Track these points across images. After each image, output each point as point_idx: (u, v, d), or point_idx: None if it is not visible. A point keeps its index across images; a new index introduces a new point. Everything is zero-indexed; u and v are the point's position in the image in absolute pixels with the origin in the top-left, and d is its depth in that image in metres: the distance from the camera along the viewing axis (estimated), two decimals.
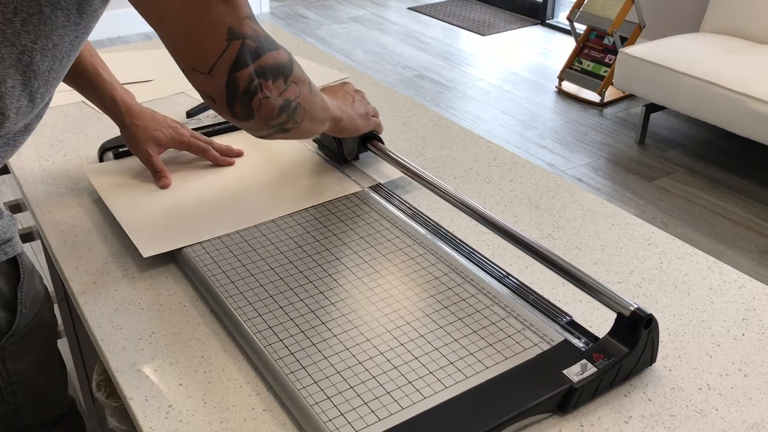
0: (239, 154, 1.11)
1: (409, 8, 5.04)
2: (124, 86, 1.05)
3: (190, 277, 0.85)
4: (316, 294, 0.80)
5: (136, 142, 1.03)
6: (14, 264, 0.81)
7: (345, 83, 1.02)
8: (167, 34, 0.68)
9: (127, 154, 1.08)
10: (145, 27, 4.42)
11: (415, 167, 0.95)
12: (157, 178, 1.03)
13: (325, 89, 0.94)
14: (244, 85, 0.69)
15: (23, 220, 1.72)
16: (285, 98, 0.74)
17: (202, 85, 0.70)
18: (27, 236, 1.38)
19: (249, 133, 0.77)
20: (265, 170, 1.07)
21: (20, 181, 1.08)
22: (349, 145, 1.07)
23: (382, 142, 1.06)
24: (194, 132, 1.09)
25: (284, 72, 0.73)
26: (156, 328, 0.78)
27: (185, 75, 0.71)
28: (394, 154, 1.01)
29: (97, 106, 1.03)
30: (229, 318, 0.77)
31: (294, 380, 0.68)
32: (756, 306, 0.81)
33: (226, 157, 1.09)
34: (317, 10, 5.02)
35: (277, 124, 0.75)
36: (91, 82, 1.00)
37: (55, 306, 1.35)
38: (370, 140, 1.06)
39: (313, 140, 1.14)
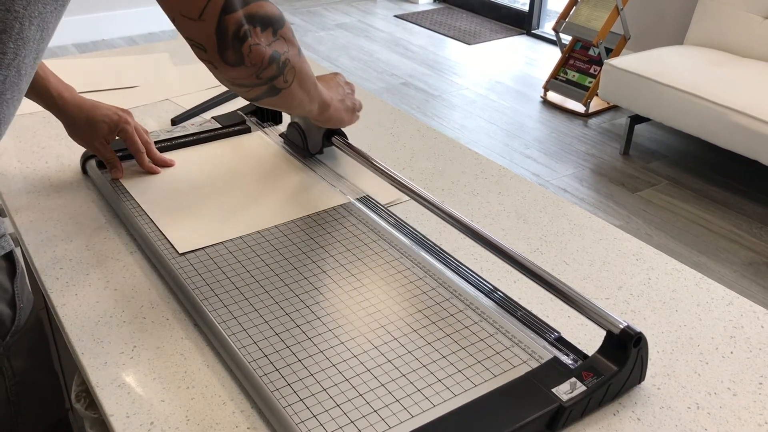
0: (170, 165, 1.08)
1: (395, 16, 5.05)
2: (70, 84, 1.03)
3: (173, 289, 0.83)
4: (302, 308, 0.79)
5: (80, 135, 1.02)
6: (10, 259, 0.81)
7: (337, 74, 1.03)
8: None
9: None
10: (130, 30, 4.39)
11: (383, 166, 0.94)
12: (109, 168, 1.03)
13: (317, 78, 0.94)
14: (233, 29, 0.69)
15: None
16: (274, 49, 0.74)
17: (191, 32, 0.70)
18: None
19: (239, 92, 0.77)
20: (251, 180, 1.05)
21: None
22: (314, 139, 1.09)
23: (346, 137, 1.08)
24: (139, 127, 1.06)
25: (274, 24, 0.73)
26: (138, 342, 0.76)
27: (174, 23, 0.71)
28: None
29: (36, 102, 1.01)
30: (213, 332, 0.75)
31: (279, 398, 0.67)
32: (744, 323, 0.81)
33: (153, 165, 1.06)
34: (303, 16, 5.02)
35: (268, 77, 0.75)
36: None
37: None
38: (334, 135, 1.08)
39: (279, 135, 1.17)
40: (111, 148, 1.03)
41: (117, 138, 1.04)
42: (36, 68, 0.73)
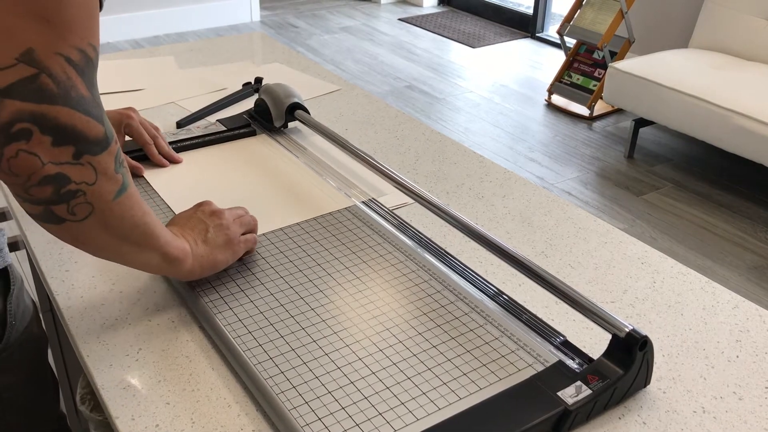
0: (177, 161, 1.10)
1: (399, 19, 5.05)
2: None
3: (178, 292, 0.84)
4: (307, 311, 0.79)
5: None
6: (4, 275, 0.80)
7: (201, 205, 0.84)
8: None
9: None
10: (135, 33, 4.40)
11: (387, 169, 0.94)
12: None
13: (172, 220, 0.82)
14: (6, 118, 0.54)
15: (8, 228, 1.69)
16: (61, 171, 0.57)
17: None
18: (12, 246, 1.35)
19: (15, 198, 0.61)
20: (256, 183, 1.06)
21: (6, 189, 1.06)
22: (277, 112, 1.17)
23: (308, 112, 1.16)
24: (144, 121, 1.09)
25: (80, 144, 0.57)
26: (143, 345, 0.76)
27: None
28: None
29: None
30: (218, 335, 0.75)
31: (284, 400, 0.67)
32: (750, 327, 0.81)
33: (162, 158, 1.09)
34: (308, 19, 5.02)
35: (40, 199, 0.59)
36: None
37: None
38: (297, 109, 1.15)
39: (245, 115, 1.23)
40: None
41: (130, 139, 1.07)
42: None
